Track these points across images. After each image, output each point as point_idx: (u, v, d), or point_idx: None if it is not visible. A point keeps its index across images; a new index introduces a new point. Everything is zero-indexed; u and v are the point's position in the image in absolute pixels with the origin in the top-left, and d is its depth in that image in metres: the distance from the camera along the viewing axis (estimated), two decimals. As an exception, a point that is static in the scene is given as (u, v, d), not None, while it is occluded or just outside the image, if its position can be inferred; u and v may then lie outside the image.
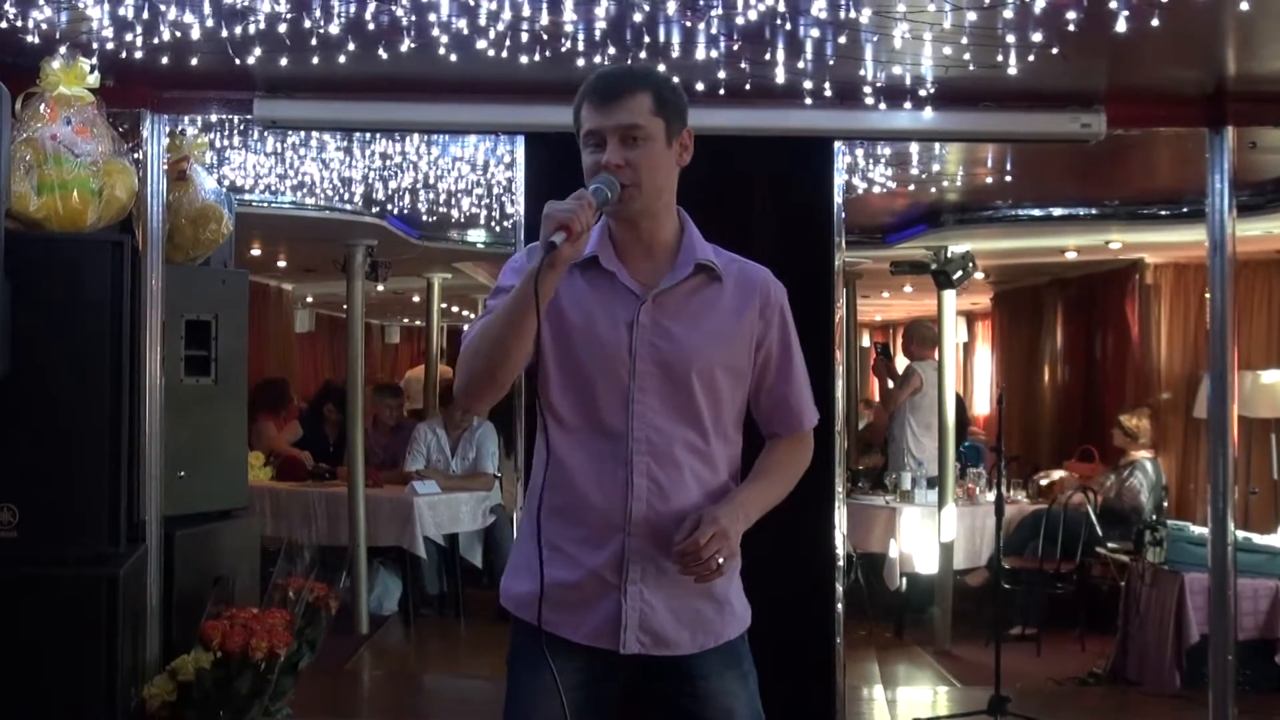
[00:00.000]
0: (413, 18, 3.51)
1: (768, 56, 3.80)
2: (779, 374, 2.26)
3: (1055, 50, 3.66)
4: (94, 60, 3.74)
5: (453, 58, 3.72)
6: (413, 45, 3.63)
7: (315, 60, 3.76)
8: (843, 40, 3.65)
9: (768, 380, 2.26)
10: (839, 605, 4.50)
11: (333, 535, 7.05)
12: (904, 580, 7.12)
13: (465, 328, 2.20)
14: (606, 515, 2.12)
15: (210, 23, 3.51)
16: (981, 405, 12.58)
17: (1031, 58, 3.67)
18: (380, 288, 9.04)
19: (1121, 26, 3.35)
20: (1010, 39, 3.61)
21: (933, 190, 6.24)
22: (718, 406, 2.19)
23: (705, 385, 2.16)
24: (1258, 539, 6.00)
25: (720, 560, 2.07)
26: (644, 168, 2.12)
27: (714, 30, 3.61)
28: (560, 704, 2.05)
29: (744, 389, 2.24)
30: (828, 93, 4.10)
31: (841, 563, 4.55)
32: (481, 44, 3.60)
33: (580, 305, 2.13)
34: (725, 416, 2.21)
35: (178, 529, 4.18)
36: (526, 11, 3.44)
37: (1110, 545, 6.96)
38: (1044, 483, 8.04)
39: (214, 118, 4.66)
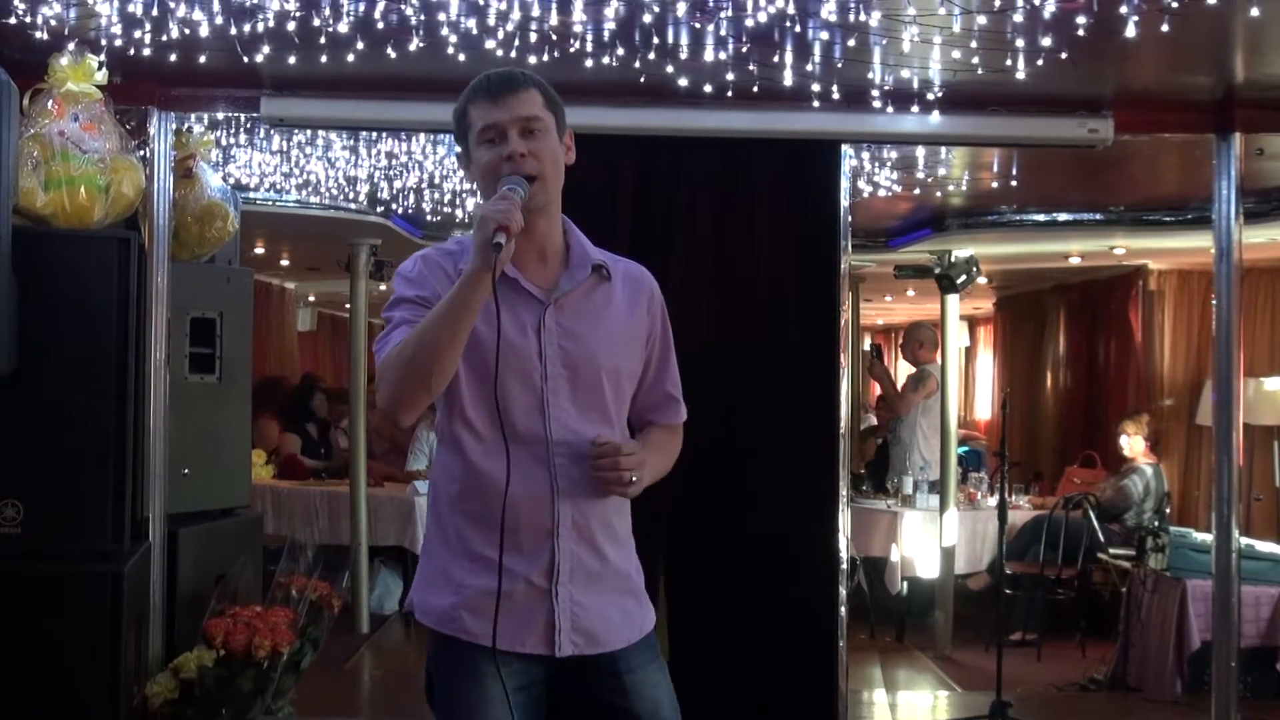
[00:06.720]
0: (421, 17, 3.50)
1: (776, 59, 3.80)
2: (660, 367, 2.32)
3: (1064, 55, 3.65)
4: (102, 57, 3.73)
5: (461, 57, 3.71)
6: (421, 44, 3.62)
7: (323, 59, 3.76)
8: (851, 43, 3.65)
9: (650, 373, 2.31)
10: (843, 609, 4.50)
11: (334, 534, 7.05)
12: (905, 584, 7.11)
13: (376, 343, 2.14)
14: (534, 519, 2.12)
15: (219, 20, 3.51)
16: (983, 410, 12.56)
17: (1040, 62, 3.67)
18: (383, 286, 9.02)
19: (1130, 32, 3.34)
20: (1019, 43, 3.61)
21: (937, 194, 6.23)
22: (620, 402, 2.23)
23: (613, 383, 2.20)
24: (1260, 546, 6.00)
25: (633, 478, 2.12)
26: (546, 157, 2.14)
27: (723, 32, 3.61)
28: (508, 710, 2.09)
29: (636, 382, 2.28)
30: (836, 96, 4.10)
31: (845, 566, 4.54)
32: (490, 44, 3.60)
33: (486, 312, 2.05)
34: (624, 410, 2.27)
35: (181, 526, 4.18)
36: (536, 11, 3.44)
37: (1112, 551, 6.96)
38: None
39: (219, 115, 4.66)
